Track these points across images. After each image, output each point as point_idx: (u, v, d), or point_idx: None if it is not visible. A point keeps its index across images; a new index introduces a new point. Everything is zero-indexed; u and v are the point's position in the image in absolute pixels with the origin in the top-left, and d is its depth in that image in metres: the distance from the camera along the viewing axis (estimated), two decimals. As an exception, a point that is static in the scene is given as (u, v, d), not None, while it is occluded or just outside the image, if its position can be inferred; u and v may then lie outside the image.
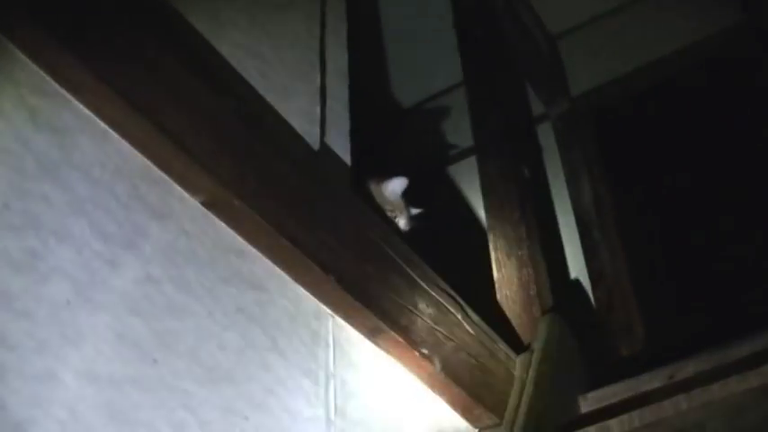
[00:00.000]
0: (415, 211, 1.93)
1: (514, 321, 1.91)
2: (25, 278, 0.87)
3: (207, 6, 1.30)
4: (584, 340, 2.04)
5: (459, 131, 3.18)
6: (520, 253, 2.04)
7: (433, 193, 3.16)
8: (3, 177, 0.89)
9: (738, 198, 2.74)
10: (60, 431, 0.85)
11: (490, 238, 2.10)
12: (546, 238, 2.21)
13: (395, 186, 1.80)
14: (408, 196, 1.89)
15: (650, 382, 1.74)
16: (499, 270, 2.03)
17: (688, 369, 1.70)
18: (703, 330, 2.46)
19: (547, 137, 3.14)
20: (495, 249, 2.07)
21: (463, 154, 3.20)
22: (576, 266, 2.82)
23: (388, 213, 1.76)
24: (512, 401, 1.59)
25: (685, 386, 1.58)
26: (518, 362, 1.70)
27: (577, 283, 2.78)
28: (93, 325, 0.92)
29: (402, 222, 1.79)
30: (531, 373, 1.67)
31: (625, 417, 1.53)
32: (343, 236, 1.29)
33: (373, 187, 1.77)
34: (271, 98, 1.32)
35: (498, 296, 1.98)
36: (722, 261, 2.66)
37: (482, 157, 2.30)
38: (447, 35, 2.73)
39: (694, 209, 2.79)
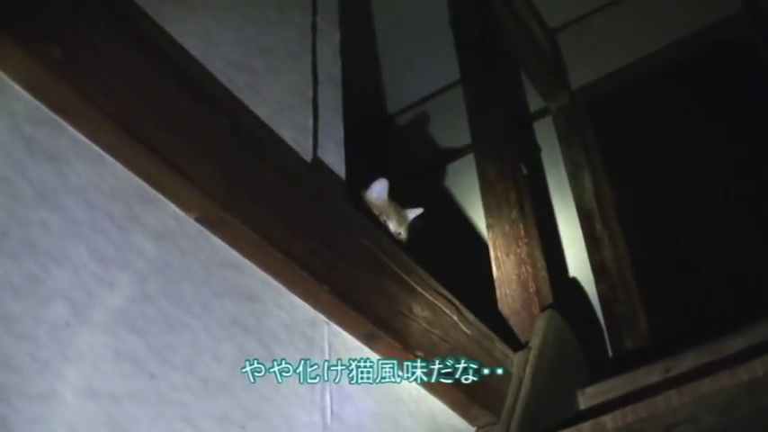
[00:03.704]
0: (413, 212, 1.95)
1: (514, 319, 1.93)
2: (26, 302, 0.91)
3: (198, 25, 1.34)
4: (584, 335, 2.06)
5: (451, 133, 3.20)
6: (518, 251, 2.06)
7: (431, 193, 3.19)
8: (1, 206, 0.93)
9: (741, 188, 2.75)
10: (63, 447, 0.89)
11: (489, 236, 2.13)
12: (544, 236, 2.23)
13: (378, 189, 1.81)
14: (404, 199, 1.90)
15: (647, 376, 1.75)
16: (498, 268, 2.06)
17: (684, 363, 1.71)
18: (707, 322, 2.48)
19: (547, 131, 3.16)
20: (494, 248, 2.10)
21: (460, 153, 3.22)
22: (580, 261, 2.84)
23: (381, 218, 1.77)
24: (509, 399, 1.62)
25: (679, 381, 1.59)
26: (515, 360, 1.73)
27: (575, 279, 2.80)
28: (92, 344, 0.96)
29: (393, 225, 1.79)
30: (528, 370, 1.69)
31: (618, 413, 1.55)
32: (337, 245, 1.33)
33: (362, 194, 1.78)
34: (262, 112, 1.36)
35: (498, 294, 2.01)
36: (726, 251, 2.67)
37: (480, 154, 2.31)
38: (431, 38, 2.74)
39: (697, 200, 2.80)
